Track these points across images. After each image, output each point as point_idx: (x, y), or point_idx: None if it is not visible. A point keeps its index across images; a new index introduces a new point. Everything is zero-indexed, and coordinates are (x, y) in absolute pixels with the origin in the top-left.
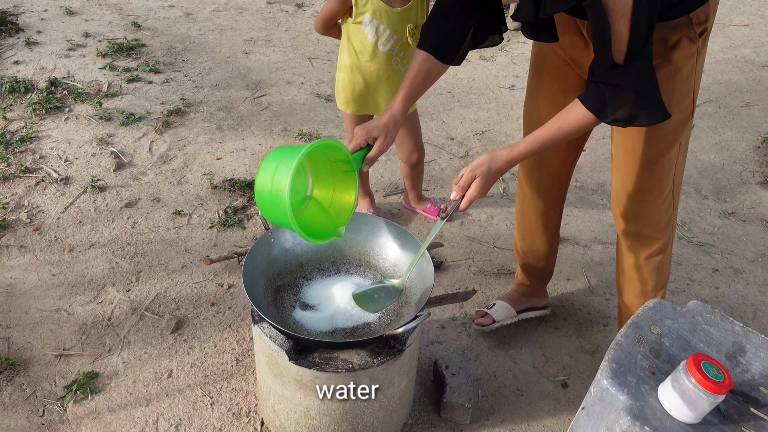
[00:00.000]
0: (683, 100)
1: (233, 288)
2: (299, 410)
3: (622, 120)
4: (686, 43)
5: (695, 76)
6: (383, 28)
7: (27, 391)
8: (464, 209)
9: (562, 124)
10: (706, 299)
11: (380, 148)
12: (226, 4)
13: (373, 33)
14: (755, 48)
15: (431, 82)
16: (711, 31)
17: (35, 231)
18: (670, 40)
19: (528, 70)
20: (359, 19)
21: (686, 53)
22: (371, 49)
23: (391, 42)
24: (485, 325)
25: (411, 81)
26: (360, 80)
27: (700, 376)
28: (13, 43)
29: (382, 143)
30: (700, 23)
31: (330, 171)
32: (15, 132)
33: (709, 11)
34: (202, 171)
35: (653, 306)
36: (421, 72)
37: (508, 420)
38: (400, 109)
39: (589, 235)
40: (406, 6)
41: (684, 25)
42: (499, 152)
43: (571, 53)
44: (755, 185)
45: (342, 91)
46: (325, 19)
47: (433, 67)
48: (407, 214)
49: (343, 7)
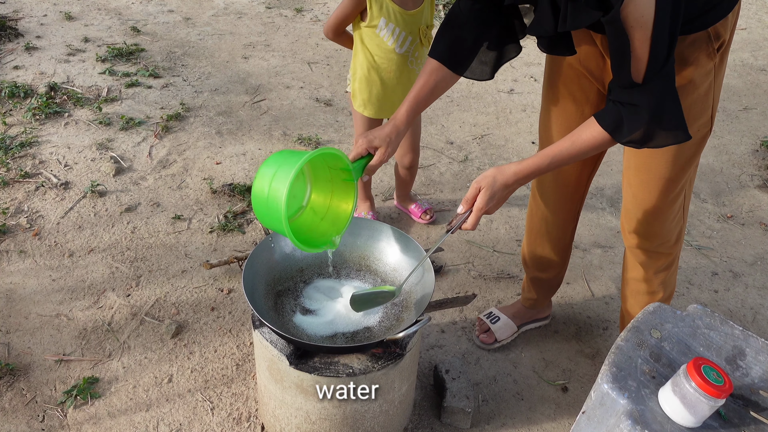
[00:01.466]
0: (700, 117)
1: (233, 293)
2: (300, 415)
3: (636, 141)
4: (704, 59)
5: (713, 92)
6: (399, 31)
7: (27, 397)
8: (472, 226)
9: (575, 141)
10: (705, 303)
11: (381, 159)
12: (226, 9)
13: (390, 36)
14: (753, 52)
15: (438, 94)
16: (730, 46)
17: (35, 236)
18: (688, 57)
19: (527, 74)
20: (374, 23)
21: (704, 70)
22: (388, 52)
23: (406, 44)
24: (487, 343)
25: (417, 92)
26: (377, 81)
27: (701, 380)
28: (13, 48)
29: (383, 154)
30: (718, 38)
31: (329, 177)
32: (15, 137)
33: (727, 26)
34: (202, 175)
35: (653, 310)
36: (428, 84)
37: (509, 424)
38: (404, 121)
39: (588, 239)
40: (419, 8)
41: (702, 40)
42: (507, 165)
43: (588, 65)
44: (754, 189)
45: (359, 93)
46: (337, 23)
47: (442, 79)
48: (407, 218)
49: (357, 9)
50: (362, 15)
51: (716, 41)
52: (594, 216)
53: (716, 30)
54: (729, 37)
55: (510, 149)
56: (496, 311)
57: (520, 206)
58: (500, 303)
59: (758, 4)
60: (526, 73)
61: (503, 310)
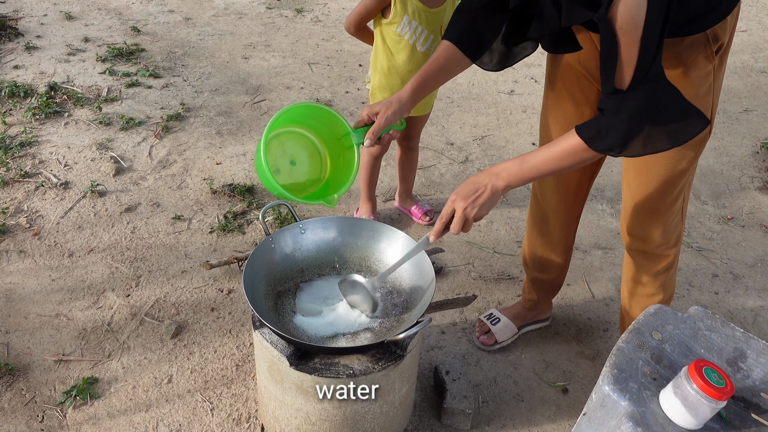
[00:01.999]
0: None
1: (233, 293)
2: (300, 416)
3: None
4: (702, 62)
5: (713, 95)
6: (421, 29)
7: (26, 397)
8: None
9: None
10: (705, 305)
11: (379, 123)
12: (226, 9)
13: (411, 34)
14: (753, 54)
15: (448, 72)
16: (729, 49)
17: (35, 236)
18: (686, 59)
19: (527, 75)
20: (396, 19)
21: (702, 72)
22: (409, 50)
23: (428, 42)
24: (488, 345)
25: (427, 67)
26: (398, 82)
27: (702, 382)
28: (13, 47)
29: (381, 117)
30: (716, 40)
31: (339, 153)
32: (15, 137)
33: (726, 28)
34: (202, 176)
35: (654, 312)
36: (438, 60)
37: (509, 426)
38: (408, 91)
39: (589, 241)
40: (442, 6)
41: (700, 42)
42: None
43: (588, 66)
44: (754, 190)
45: (379, 91)
46: (359, 18)
47: (452, 57)
48: (407, 219)
49: (380, 5)
50: (384, 12)
51: (715, 44)
52: (594, 217)
53: (715, 32)
54: (728, 40)
55: (510, 150)
56: (497, 312)
57: (520, 207)
58: (501, 304)
59: (758, 6)
60: (527, 74)
61: (504, 312)
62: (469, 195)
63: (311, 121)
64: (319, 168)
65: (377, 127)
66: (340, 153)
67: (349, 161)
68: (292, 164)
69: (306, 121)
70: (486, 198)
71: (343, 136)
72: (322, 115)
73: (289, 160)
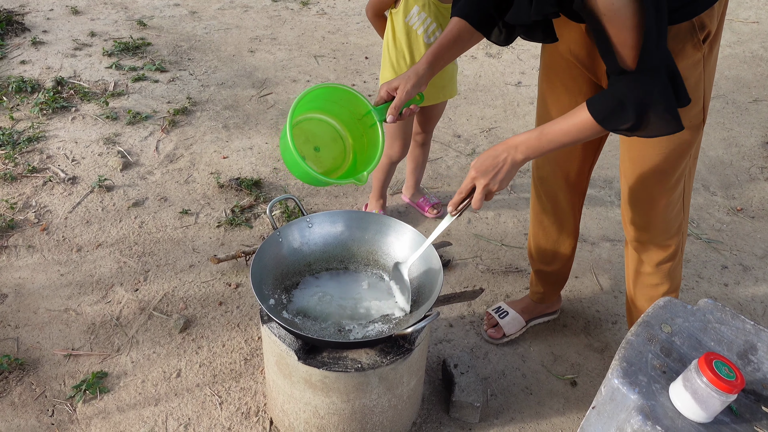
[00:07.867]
0: (692, 108)
1: (241, 287)
2: (308, 410)
3: (626, 130)
4: (690, 50)
5: (704, 83)
6: (430, 21)
7: (36, 391)
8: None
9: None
10: (715, 296)
11: (400, 97)
12: (231, 3)
13: (420, 25)
14: (763, 43)
15: (462, 45)
16: (719, 36)
17: (43, 231)
18: (673, 48)
19: (535, 67)
20: (407, 9)
21: (691, 61)
22: (418, 41)
23: (436, 35)
24: (496, 338)
25: (441, 40)
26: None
27: (712, 375)
28: (20, 42)
29: (402, 91)
30: (703, 29)
31: (362, 132)
32: (22, 132)
33: (713, 16)
34: (209, 170)
35: (664, 304)
36: (452, 32)
37: (518, 419)
38: (424, 63)
39: (597, 233)
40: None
41: (686, 31)
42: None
43: (577, 54)
44: (764, 181)
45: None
46: (378, 3)
47: (465, 30)
48: (414, 212)
49: None
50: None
51: (701, 32)
52: (602, 209)
53: (701, 20)
54: (717, 28)
55: None
56: (505, 306)
57: (528, 199)
58: (509, 297)
59: None
60: (534, 65)
61: (512, 305)
62: (489, 170)
63: (329, 105)
64: (342, 150)
65: (399, 101)
66: (363, 132)
67: (373, 139)
68: (317, 150)
69: (323, 105)
70: (506, 172)
71: (364, 116)
72: (341, 96)
73: (313, 146)
